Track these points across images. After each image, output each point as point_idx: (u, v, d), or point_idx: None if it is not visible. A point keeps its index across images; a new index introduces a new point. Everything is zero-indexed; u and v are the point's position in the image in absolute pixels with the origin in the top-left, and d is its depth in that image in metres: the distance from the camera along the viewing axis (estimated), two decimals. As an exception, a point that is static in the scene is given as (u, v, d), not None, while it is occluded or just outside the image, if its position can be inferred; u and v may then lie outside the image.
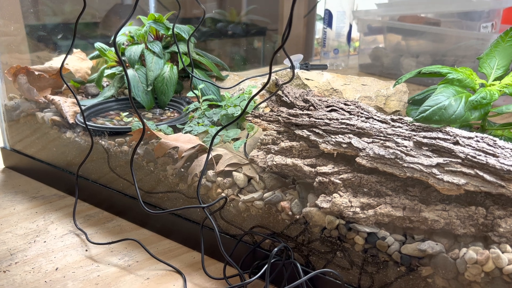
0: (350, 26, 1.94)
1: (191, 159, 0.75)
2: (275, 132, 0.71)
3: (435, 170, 0.55)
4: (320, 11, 2.30)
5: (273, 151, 0.69)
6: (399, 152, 0.58)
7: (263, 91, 0.97)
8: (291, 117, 0.70)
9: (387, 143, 0.61)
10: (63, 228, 0.79)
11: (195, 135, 0.78)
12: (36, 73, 0.94)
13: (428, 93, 0.79)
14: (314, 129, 0.67)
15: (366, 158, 0.60)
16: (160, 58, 1.00)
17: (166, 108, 1.00)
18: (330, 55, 1.94)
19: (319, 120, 0.67)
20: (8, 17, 1.13)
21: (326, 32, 1.93)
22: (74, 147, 0.87)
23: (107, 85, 1.09)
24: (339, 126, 0.66)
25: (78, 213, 0.84)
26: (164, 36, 1.07)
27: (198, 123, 0.82)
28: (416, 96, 0.82)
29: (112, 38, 1.04)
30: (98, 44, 1.02)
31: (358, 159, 0.60)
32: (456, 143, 0.59)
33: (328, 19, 1.93)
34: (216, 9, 1.59)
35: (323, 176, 0.62)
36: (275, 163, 0.66)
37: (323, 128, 0.66)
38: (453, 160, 0.56)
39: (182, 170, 0.74)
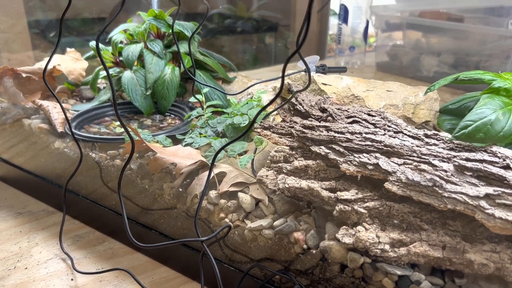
0: (367, 22, 1.84)
1: (192, 175, 0.66)
2: (288, 148, 0.61)
3: (483, 203, 0.45)
4: (333, 5, 2.21)
5: (285, 171, 0.59)
6: (437, 179, 0.48)
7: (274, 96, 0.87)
8: (306, 130, 0.60)
9: (422, 166, 0.51)
10: (48, 251, 0.71)
11: (196, 148, 0.69)
12: (24, 75, 0.85)
13: (464, 102, 0.69)
14: (333, 146, 0.57)
15: (397, 184, 0.50)
16: (161, 59, 0.90)
17: (166, 113, 0.90)
18: (346, 52, 1.84)
19: (339, 135, 0.57)
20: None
21: (342, 29, 1.83)
22: (63, 158, 0.78)
23: (103, 88, 1.00)
24: (363, 143, 0.56)
25: (67, 233, 0.75)
26: (166, 34, 0.98)
27: (200, 134, 0.73)
28: (449, 105, 0.71)
29: (109, 36, 0.95)
30: (93, 43, 0.93)
31: (387, 185, 0.50)
32: (507, 167, 0.48)
33: (344, 14, 1.83)
34: (224, 4, 1.49)
35: (344, 204, 0.52)
36: (287, 186, 0.56)
37: (344, 144, 0.56)
38: (506, 191, 0.45)
39: (181, 190, 0.65)
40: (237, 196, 0.61)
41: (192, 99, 0.84)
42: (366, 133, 0.58)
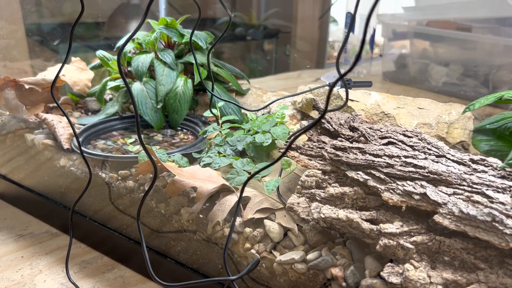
0: (374, 30, 1.80)
1: (211, 199, 0.61)
2: (320, 172, 0.56)
3: (553, 243, 0.41)
4: (333, 13, 2.21)
5: (318, 198, 0.54)
6: (496, 213, 0.44)
7: (293, 111, 0.83)
8: (338, 152, 0.55)
9: (475, 197, 0.46)
10: (53, 280, 0.65)
11: (216, 169, 0.64)
12: (26, 86, 0.80)
13: (504, 122, 0.64)
14: (372, 171, 0.52)
15: (449, 217, 0.45)
16: (173, 70, 0.85)
17: (178, 128, 0.85)
18: (352, 61, 1.80)
19: (378, 159, 0.53)
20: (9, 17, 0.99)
21: (348, 37, 1.79)
22: (70, 177, 0.72)
23: (110, 99, 0.94)
24: (406, 169, 0.51)
25: (73, 258, 0.70)
26: (177, 43, 0.92)
27: (218, 152, 0.68)
28: (486, 125, 0.67)
29: (117, 45, 0.90)
30: (100, 53, 0.88)
31: (437, 218, 0.46)
32: None
33: (350, 23, 1.79)
34: (235, 12, 1.44)
35: (389, 238, 0.48)
36: (323, 216, 0.51)
37: (384, 170, 0.51)
38: None
39: (201, 216, 0.59)
40: (263, 224, 0.56)
41: (207, 113, 0.79)
42: (405, 156, 0.54)
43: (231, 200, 0.59)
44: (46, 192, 0.77)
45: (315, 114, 0.76)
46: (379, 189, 0.50)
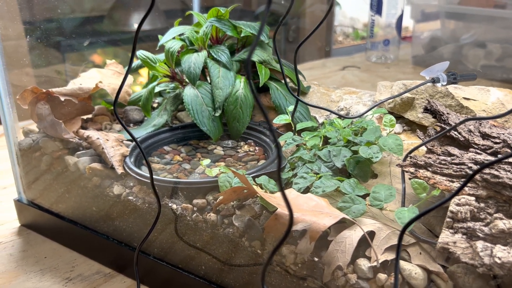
0: (402, 12, 1.69)
1: (321, 236, 0.49)
2: (473, 198, 0.44)
3: None
4: None
5: (481, 235, 0.42)
6: None
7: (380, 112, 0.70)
8: (496, 172, 0.44)
9: None
10: None
11: (319, 194, 0.51)
12: (62, 98, 0.66)
13: None
14: (551, 198, 0.40)
15: None
16: (229, 70, 0.72)
17: (239, 138, 0.72)
18: (379, 46, 1.68)
19: (555, 182, 0.41)
20: (8, 14, 0.85)
21: (374, 20, 1.68)
22: (127, 208, 0.59)
23: (152, 107, 0.81)
24: None
25: (137, 306, 0.57)
26: (225, 38, 0.79)
27: (315, 172, 0.55)
28: None
29: (160, 43, 0.76)
30: (142, 53, 0.74)
31: None
32: None
33: (377, 5, 1.67)
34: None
35: None
36: (499, 261, 0.39)
37: None
38: None
39: (316, 259, 0.47)
40: (399, 267, 0.44)
41: (278, 120, 0.67)
42: None
43: (352, 237, 0.46)
44: (94, 225, 0.65)
45: (413, 116, 0.64)
46: None
